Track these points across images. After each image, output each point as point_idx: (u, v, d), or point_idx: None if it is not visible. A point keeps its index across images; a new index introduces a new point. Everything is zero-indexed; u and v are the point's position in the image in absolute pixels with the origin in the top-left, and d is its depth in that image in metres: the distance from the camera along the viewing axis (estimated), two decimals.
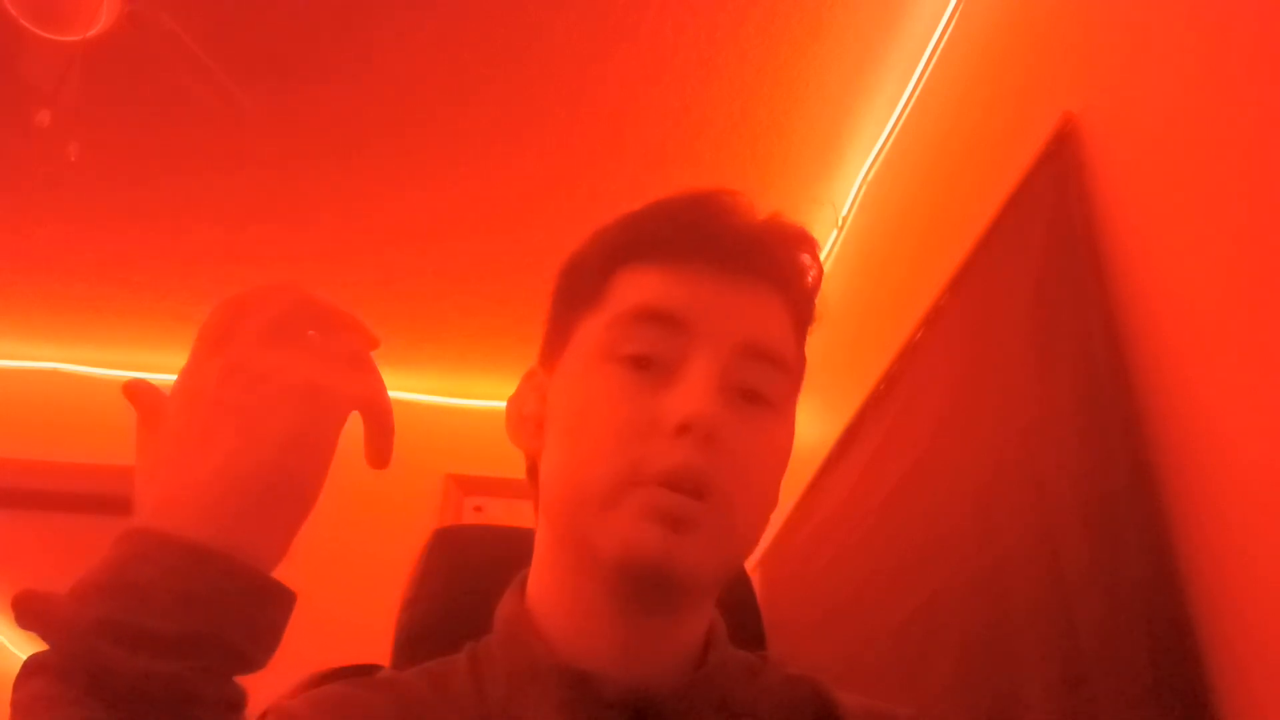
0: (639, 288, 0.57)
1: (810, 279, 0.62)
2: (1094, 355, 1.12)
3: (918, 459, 1.61)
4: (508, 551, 0.66)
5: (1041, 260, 1.28)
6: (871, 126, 2.10)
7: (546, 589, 0.59)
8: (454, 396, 3.21)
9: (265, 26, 1.90)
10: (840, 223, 2.30)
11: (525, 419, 0.63)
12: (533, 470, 0.62)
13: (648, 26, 1.88)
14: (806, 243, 0.62)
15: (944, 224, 1.73)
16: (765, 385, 0.57)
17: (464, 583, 0.79)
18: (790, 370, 0.60)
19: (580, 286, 0.61)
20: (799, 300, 0.61)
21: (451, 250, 2.59)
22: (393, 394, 0.47)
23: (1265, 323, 0.93)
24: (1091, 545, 1.07)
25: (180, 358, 0.45)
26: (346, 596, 2.59)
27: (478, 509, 3.12)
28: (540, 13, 1.87)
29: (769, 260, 0.59)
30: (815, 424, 2.18)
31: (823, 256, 2.32)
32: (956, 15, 1.76)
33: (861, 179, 2.19)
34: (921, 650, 1.46)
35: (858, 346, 2.09)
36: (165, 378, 0.46)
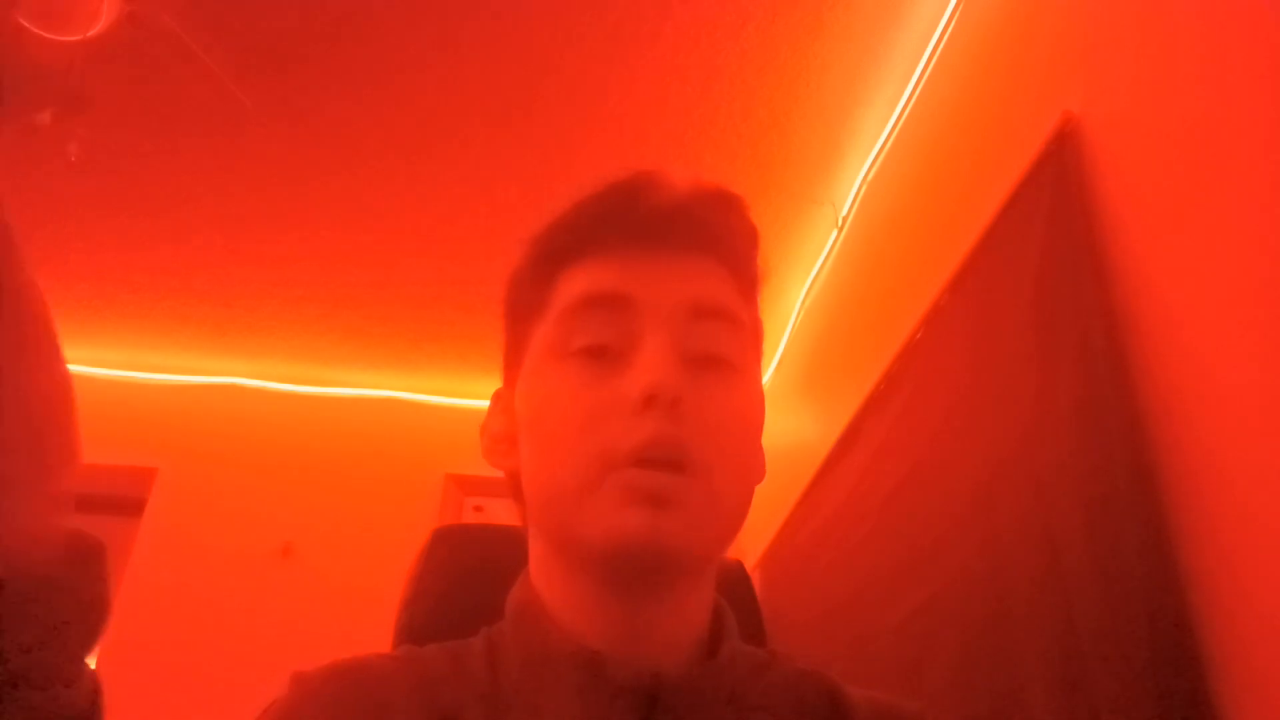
0: (579, 281, 0.58)
1: (743, 238, 0.62)
2: (1094, 355, 1.12)
3: (918, 459, 1.61)
4: (508, 551, 0.66)
5: (1041, 260, 1.28)
6: (871, 126, 2.10)
7: (544, 589, 0.59)
8: (454, 396, 3.21)
9: (265, 26, 1.90)
10: (840, 223, 2.30)
11: (498, 439, 0.63)
12: (516, 487, 0.62)
13: (649, 29, 1.88)
14: (733, 203, 0.62)
15: (944, 224, 1.73)
16: (721, 345, 0.57)
17: (464, 583, 0.79)
18: (743, 327, 0.59)
19: (526, 298, 0.62)
20: (736, 261, 0.61)
21: (452, 251, 2.60)
22: (393, 394, 0.45)
23: (1265, 323, 0.93)
24: (1091, 545, 1.07)
25: (179, 358, 0.42)
26: (346, 596, 2.60)
27: (478, 509, 3.13)
28: (541, 18, 1.87)
29: (698, 228, 0.59)
30: (815, 424, 2.18)
31: (822, 256, 2.34)
32: (956, 15, 1.76)
33: (861, 179, 2.19)
34: (921, 649, 1.46)
35: (858, 346, 2.09)
36: (164, 378, 0.46)
